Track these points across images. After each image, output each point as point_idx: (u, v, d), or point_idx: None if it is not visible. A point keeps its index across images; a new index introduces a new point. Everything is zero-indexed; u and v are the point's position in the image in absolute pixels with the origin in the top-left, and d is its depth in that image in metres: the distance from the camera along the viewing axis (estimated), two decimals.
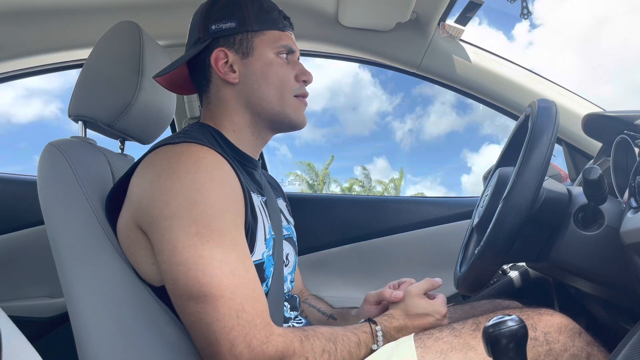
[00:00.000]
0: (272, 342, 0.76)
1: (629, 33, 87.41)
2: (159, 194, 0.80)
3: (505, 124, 23.10)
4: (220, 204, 0.80)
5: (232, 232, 0.80)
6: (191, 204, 0.78)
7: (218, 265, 0.76)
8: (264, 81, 0.97)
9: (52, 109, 47.50)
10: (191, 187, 0.78)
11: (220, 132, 0.97)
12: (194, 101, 1.73)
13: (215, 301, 0.75)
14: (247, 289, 0.77)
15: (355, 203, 1.85)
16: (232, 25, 0.96)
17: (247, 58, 0.97)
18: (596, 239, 0.90)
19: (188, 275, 0.76)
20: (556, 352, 0.84)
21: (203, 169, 0.81)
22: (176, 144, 0.85)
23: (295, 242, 1.13)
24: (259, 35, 0.97)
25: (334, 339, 0.84)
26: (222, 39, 0.97)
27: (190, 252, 0.76)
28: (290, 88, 0.99)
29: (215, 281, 0.75)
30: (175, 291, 0.79)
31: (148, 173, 0.84)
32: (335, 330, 0.86)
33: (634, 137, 0.93)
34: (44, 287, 1.62)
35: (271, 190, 1.10)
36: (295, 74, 1.00)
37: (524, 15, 1.23)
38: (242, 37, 0.97)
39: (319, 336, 0.82)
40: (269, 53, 0.97)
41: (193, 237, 0.76)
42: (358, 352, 0.86)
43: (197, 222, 0.77)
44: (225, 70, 0.97)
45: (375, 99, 44.61)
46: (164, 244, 0.79)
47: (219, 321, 0.75)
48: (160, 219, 0.79)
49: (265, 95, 0.97)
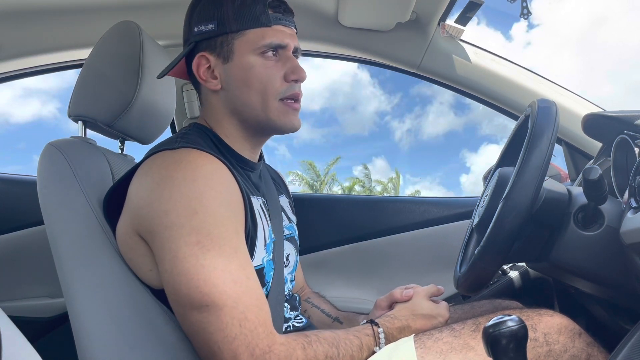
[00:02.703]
0: (275, 352, 0.76)
1: (627, 33, 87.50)
2: (158, 204, 0.79)
3: (504, 123, 23.03)
4: (220, 211, 0.79)
5: (232, 239, 0.79)
6: (191, 213, 0.77)
7: (220, 274, 0.75)
8: (245, 87, 0.91)
9: (50, 109, 47.52)
10: (190, 196, 0.77)
11: (216, 134, 0.96)
12: (194, 101, 1.72)
13: (218, 310, 0.74)
14: (250, 298, 0.77)
15: (355, 203, 1.85)
16: (212, 27, 0.91)
17: (227, 63, 0.92)
18: (596, 239, 0.90)
19: (190, 285, 0.75)
20: (556, 352, 0.84)
21: (202, 176, 0.79)
22: (174, 150, 0.84)
23: (297, 240, 1.13)
24: (238, 37, 0.91)
25: (336, 344, 0.83)
26: (204, 42, 0.92)
27: (192, 261, 0.75)
28: (275, 92, 0.92)
29: (217, 290, 0.75)
30: (177, 300, 0.78)
31: (146, 181, 0.83)
32: (337, 334, 0.85)
33: (634, 137, 0.94)
34: (44, 287, 1.62)
35: (273, 187, 1.09)
36: (284, 73, 0.93)
37: (524, 15, 1.23)
38: (222, 40, 0.91)
39: (322, 341, 0.82)
40: (250, 55, 0.91)
41: (194, 246, 0.76)
42: (360, 355, 0.86)
43: (197, 231, 0.76)
44: (207, 77, 0.93)
45: (374, 98, 44.64)
46: (164, 253, 0.78)
47: (222, 331, 0.74)
48: (160, 228, 0.78)
49: (249, 102, 0.92)
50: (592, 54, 73.73)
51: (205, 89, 0.96)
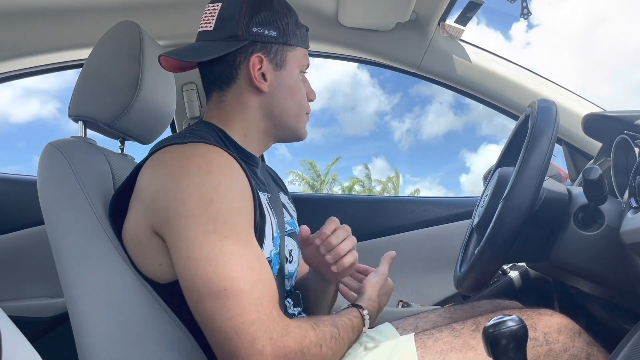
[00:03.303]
0: (291, 334, 0.77)
1: (627, 33, 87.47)
2: (174, 194, 0.80)
3: (503, 123, 23.04)
4: (235, 202, 0.81)
5: (247, 229, 0.82)
6: (207, 202, 0.78)
7: (238, 261, 0.77)
8: (290, 96, 0.99)
9: (50, 109, 47.45)
10: (207, 186, 0.79)
11: (224, 132, 0.96)
12: (194, 101, 1.73)
13: (237, 295, 0.75)
14: (264, 285, 0.78)
15: (355, 203, 1.85)
16: (273, 34, 0.96)
17: (279, 70, 0.97)
18: (596, 239, 0.90)
19: (208, 270, 0.76)
20: (556, 352, 0.84)
21: (216, 168, 0.81)
22: (184, 144, 0.85)
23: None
24: (292, 50, 0.98)
25: (336, 325, 0.86)
26: (260, 44, 0.95)
27: (210, 247, 0.77)
28: (306, 106, 1.03)
29: (236, 275, 0.76)
30: (193, 287, 0.78)
31: (160, 173, 0.84)
32: (333, 317, 0.89)
33: (634, 137, 0.94)
34: (44, 287, 1.62)
35: (274, 185, 1.11)
36: (307, 92, 1.03)
37: (524, 15, 1.23)
38: (277, 48, 0.97)
39: (325, 323, 0.84)
40: (296, 70, 0.99)
41: (211, 234, 0.77)
42: (353, 335, 0.90)
43: (214, 219, 0.78)
44: (259, 77, 0.96)
45: (373, 98, 44.63)
46: (181, 241, 0.79)
47: (240, 316, 0.75)
48: (176, 217, 0.79)
49: (288, 110, 0.99)
50: (592, 54, 73.74)
51: (238, 87, 0.96)
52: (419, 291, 1.63)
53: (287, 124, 1.00)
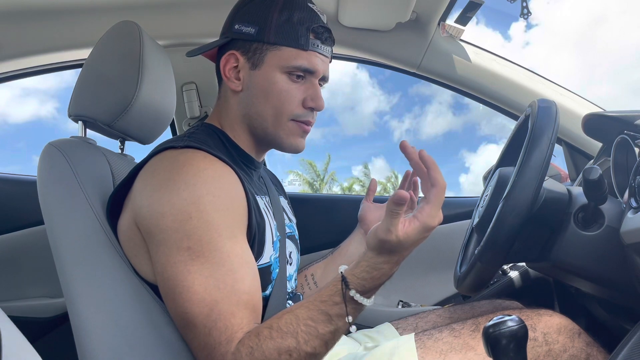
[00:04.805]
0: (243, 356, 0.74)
1: (626, 33, 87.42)
2: (157, 206, 0.80)
3: (503, 123, 23.04)
4: (215, 217, 0.79)
5: (225, 245, 0.79)
6: (186, 218, 0.78)
7: (203, 281, 0.77)
8: (263, 98, 0.93)
9: (49, 109, 47.46)
10: (188, 201, 0.78)
11: (225, 133, 0.97)
12: (194, 101, 1.72)
13: (193, 319, 0.76)
14: (228, 303, 0.76)
15: (355, 203, 1.84)
16: (252, 31, 0.92)
17: (254, 70, 0.93)
18: (596, 239, 0.90)
19: (175, 291, 0.78)
20: (555, 352, 0.84)
21: (202, 181, 0.80)
22: (179, 150, 0.84)
23: (297, 240, 1.13)
24: (273, 49, 0.92)
25: (293, 331, 0.74)
26: (240, 41, 0.94)
27: (180, 267, 0.77)
28: (289, 111, 0.93)
29: (196, 298, 0.76)
30: (166, 302, 0.82)
31: (150, 181, 0.84)
32: (297, 317, 0.75)
33: (634, 137, 0.94)
34: (44, 287, 1.62)
35: (273, 188, 1.10)
36: (304, 98, 0.94)
37: (524, 15, 1.23)
38: (257, 47, 0.93)
39: (274, 335, 0.74)
40: (277, 71, 0.92)
41: (184, 251, 0.77)
42: (331, 327, 0.74)
43: (189, 236, 0.77)
44: (231, 76, 0.95)
45: (373, 98, 44.62)
46: (158, 256, 0.80)
47: (195, 339, 0.78)
48: (156, 230, 0.80)
49: (262, 112, 0.94)
50: (591, 54, 73.75)
51: (224, 85, 0.99)
52: (419, 291, 1.62)
53: (265, 128, 0.95)
